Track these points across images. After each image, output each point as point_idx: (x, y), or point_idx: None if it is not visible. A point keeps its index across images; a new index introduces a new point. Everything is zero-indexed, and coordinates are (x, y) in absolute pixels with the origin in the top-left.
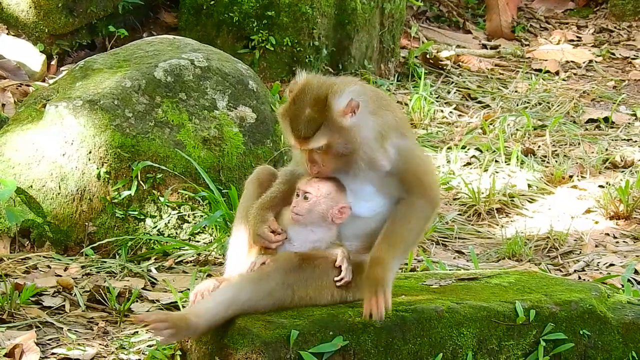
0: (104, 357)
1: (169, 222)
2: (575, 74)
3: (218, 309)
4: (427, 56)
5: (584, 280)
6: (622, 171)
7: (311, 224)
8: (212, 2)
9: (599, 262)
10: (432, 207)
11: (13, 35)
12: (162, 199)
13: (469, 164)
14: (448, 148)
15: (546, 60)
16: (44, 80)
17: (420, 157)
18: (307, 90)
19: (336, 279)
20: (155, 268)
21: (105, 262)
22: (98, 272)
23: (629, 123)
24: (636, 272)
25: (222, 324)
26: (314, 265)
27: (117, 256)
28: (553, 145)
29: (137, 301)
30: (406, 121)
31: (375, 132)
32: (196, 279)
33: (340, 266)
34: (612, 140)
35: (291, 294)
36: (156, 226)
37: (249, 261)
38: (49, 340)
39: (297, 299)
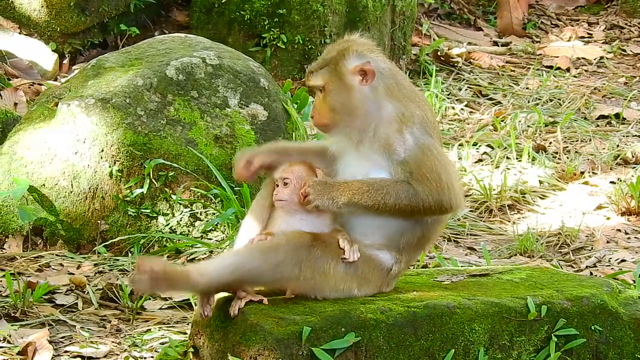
0: (117, 354)
1: (181, 220)
2: (586, 71)
3: (223, 271)
4: (439, 53)
5: (596, 276)
6: (634, 167)
7: (298, 211)
8: (223, 1)
9: (610, 258)
10: (439, 200)
11: (25, 35)
12: (174, 196)
13: (480, 160)
14: (459, 145)
15: (557, 57)
16: (56, 79)
17: (440, 158)
18: (345, 40)
19: (342, 256)
20: None
21: (117, 260)
22: (110, 270)
23: None
24: None
25: (222, 288)
26: (324, 246)
27: (130, 254)
28: (564, 141)
29: (149, 299)
30: (436, 125)
31: (392, 115)
32: None
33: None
34: (623, 136)
35: (297, 272)
36: (168, 224)
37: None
38: (61, 338)
39: (302, 279)
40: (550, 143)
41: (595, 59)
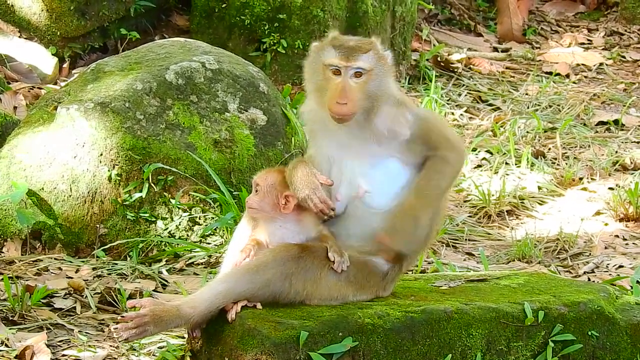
0: (115, 358)
1: (180, 224)
2: (585, 77)
3: (214, 300)
4: (439, 59)
5: (593, 282)
6: (632, 173)
7: (276, 218)
8: (223, 5)
9: (608, 264)
10: (460, 157)
11: (25, 38)
12: (173, 201)
13: (479, 166)
14: None
15: (557, 63)
16: (55, 83)
17: (437, 117)
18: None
19: (331, 267)
20: (167, 270)
21: (116, 264)
22: (109, 274)
23: (639, 126)
24: None
25: (215, 315)
26: (313, 256)
27: (128, 258)
28: (563, 147)
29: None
30: None
31: (396, 96)
32: (207, 281)
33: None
34: (622, 142)
35: (288, 286)
36: (167, 228)
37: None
38: (59, 342)
39: (293, 293)
40: (549, 149)
41: (594, 65)
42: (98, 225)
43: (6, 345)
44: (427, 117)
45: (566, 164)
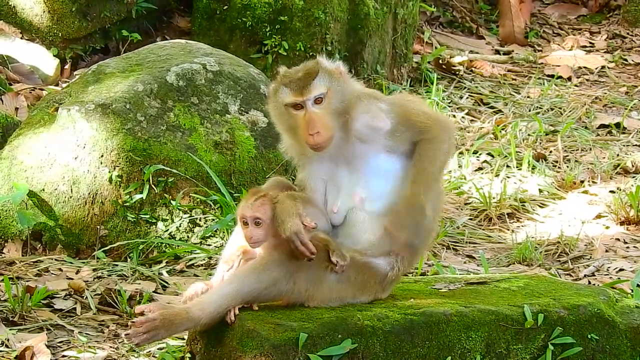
0: (115, 359)
1: (180, 226)
2: (587, 80)
3: (223, 301)
4: (440, 61)
5: (594, 285)
6: (634, 176)
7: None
8: (225, 7)
9: (609, 267)
10: (447, 132)
11: (27, 40)
12: (173, 202)
13: (480, 169)
14: (460, 153)
15: (559, 66)
16: (57, 84)
17: (412, 99)
18: (296, 66)
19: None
20: (167, 271)
21: (116, 265)
22: (109, 275)
23: None
24: None
25: (223, 316)
26: (316, 256)
27: (129, 259)
28: (564, 150)
29: (149, 302)
30: None
31: (364, 94)
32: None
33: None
34: (624, 145)
35: (292, 286)
36: (167, 229)
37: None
38: (59, 342)
39: (296, 293)
40: (551, 152)
41: (596, 69)
42: (98, 227)
43: (6, 346)
44: (402, 102)
45: (567, 166)
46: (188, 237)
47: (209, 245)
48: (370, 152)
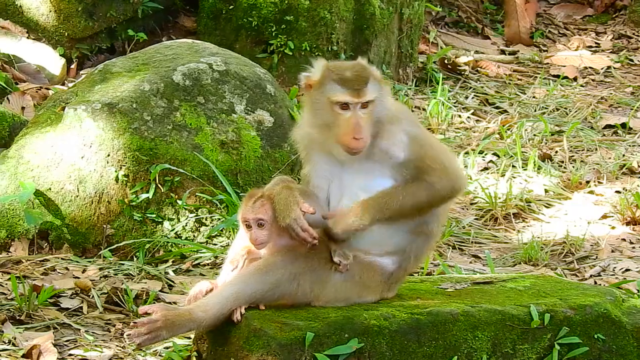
0: (121, 358)
1: (186, 225)
2: (593, 80)
3: (225, 303)
4: (446, 61)
5: (600, 285)
6: (639, 177)
7: (280, 238)
8: (231, 7)
9: (615, 267)
10: (451, 184)
11: (33, 39)
12: (179, 201)
13: (486, 169)
14: (465, 153)
15: (564, 66)
16: (63, 84)
17: (433, 142)
18: (342, 63)
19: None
20: (173, 270)
21: (122, 264)
22: (116, 274)
23: None
24: None
25: (226, 318)
26: (319, 255)
27: (135, 258)
28: (570, 150)
29: (154, 303)
30: (416, 118)
31: (394, 116)
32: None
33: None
34: (630, 146)
35: (296, 287)
36: (174, 229)
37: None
38: (66, 341)
39: (300, 294)
40: (556, 152)
41: (602, 69)
42: (105, 226)
43: (13, 345)
44: (423, 141)
45: (573, 167)
46: (194, 236)
47: (215, 244)
48: (377, 170)
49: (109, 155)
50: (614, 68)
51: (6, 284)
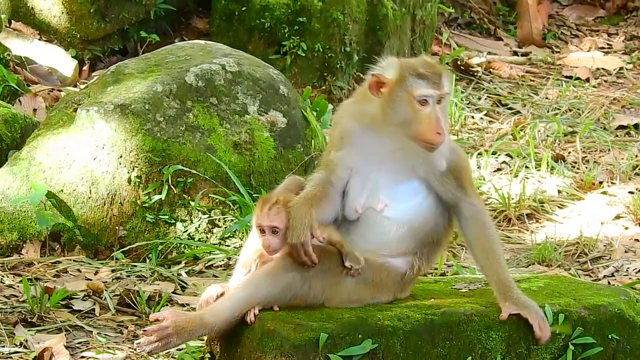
0: None
1: (199, 226)
2: (605, 81)
3: (236, 306)
4: (458, 62)
5: (613, 285)
6: None
7: None
8: (243, 8)
9: (628, 268)
10: (483, 205)
11: (45, 41)
12: (192, 203)
13: (499, 169)
14: (479, 154)
15: (577, 67)
16: (75, 86)
17: (465, 156)
18: (412, 59)
19: (350, 272)
20: (186, 272)
21: (135, 266)
22: (128, 276)
23: None
24: None
25: (238, 321)
26: (330, 258)
27: (148, 260)
28: (583, 151)
29: (167, 305)
30: None
31: None
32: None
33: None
34: None
35: (307, 289)
36: (186, 230)
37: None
38: (78, 343)
39: (312, 296)
40: (569, 153)
41: (614, 70)
42: (117, 227)
43: (25, 347)
44: (460, 155)
45: (586, 167)
46: (207, 237)
47: (228, 245)
48: (407, 174)
49: (121, 156)
50: (626, 69)
51: (18, 286)
